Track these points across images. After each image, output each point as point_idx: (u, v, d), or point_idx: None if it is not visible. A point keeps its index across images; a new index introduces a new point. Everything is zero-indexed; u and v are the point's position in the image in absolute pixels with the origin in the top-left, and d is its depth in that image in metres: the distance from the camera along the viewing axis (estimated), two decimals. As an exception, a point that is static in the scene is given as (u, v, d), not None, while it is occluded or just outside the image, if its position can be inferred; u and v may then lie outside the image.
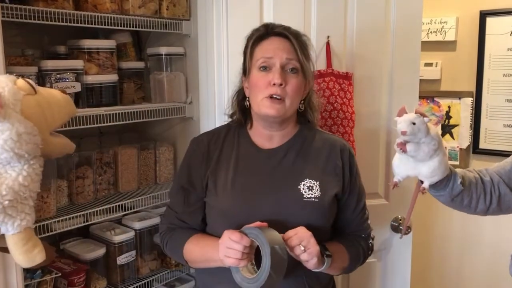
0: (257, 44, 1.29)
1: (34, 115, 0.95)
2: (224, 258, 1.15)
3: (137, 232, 1.78)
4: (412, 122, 1.11)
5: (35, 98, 0.97)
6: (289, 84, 1.24)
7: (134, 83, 1.84)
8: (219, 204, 1.30)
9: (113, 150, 1.79)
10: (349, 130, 1.67)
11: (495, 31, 2.50)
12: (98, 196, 1.73)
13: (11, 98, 0.92)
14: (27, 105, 0.95)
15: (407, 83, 1.83)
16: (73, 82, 1.56)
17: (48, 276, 1.53)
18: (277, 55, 1.24)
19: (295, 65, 1.26)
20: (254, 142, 1.35)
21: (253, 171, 1.31)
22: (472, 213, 1.30)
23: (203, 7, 1.75)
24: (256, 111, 1.29)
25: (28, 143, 0.93)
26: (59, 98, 1.05)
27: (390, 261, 1.92)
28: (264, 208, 1.24)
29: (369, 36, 1.76)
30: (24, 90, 0.95)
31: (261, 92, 1.25)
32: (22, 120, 0.91)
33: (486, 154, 2.60)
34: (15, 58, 1.47)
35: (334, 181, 1.30)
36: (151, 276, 1.82)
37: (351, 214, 1.36)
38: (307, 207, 1.25)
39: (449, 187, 1.22)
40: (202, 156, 1.34)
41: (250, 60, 1.29)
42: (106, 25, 1.58)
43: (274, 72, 1.24)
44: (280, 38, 1.27)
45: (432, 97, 2.72)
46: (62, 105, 1.05)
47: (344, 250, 1.31)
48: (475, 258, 2.70)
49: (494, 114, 2.56)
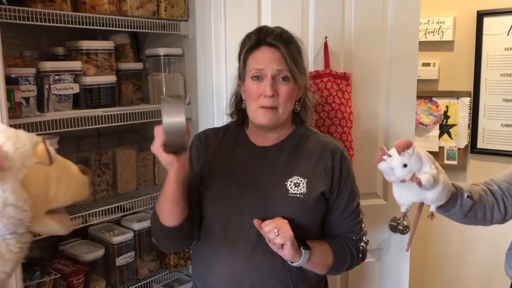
0: (249, 54, 1.33)
1: (35, 187, 0.84)
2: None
3: (136, 233, 1.78)
4: (403, 165, 1.07)
5: (46, 169, 0.87)
6: (280, 93, 1.29)
7: (132, 84, 1.84)
8: (209, 193, 1.34)
9: (111, 151, 1.79)
10: (347, 130, 1.67)
11: (493, 31, 2.51)
12: (96, 197, 1.73)
13: (19, 162, 0.82)
14: (33, 174, 0.84)
15: (405, 83, 1.83)
16: (72, 83, 1.56)
17: (47, 277, 1.53)
18: (268, 66, 1.29)
19: (285, 74, 1.30)
20: (250, 140, 1.40)
21: (245, 165, 1.35)
22: (489, 224, 1.30)
23: (201, 8, 1.75)
24: (251, 119, 1.35)
25: (12, 217, 0.80)
26: (74, 176, 0.93)
27: (388, 260, 1.93)
28: (250, 201, 1.29)
29: (367, 37, 1.76)
30: (39, 158, 0.86)
31: (254, 102, 1.31)
32: (17, 191, 0.80)
33: (484, 154, 2.60)
34: (14, 60, 1.47)
35: (323, 181, 1.32)
36: (150, 277, 1.82)
37: (340, 216, 1.36)
38: (291, 202, 1.28)
39: (458, 204, 1.21)
40: (201, 145, 1.41)
41: (244, 69, 1.34)
42: (104, 26, 1.58)
43: (265, 83, 1.28)
44: (271, 48, 1.30)
45: (430, 97, 2.73)
46: (72, 185, 0.92)
47: (327, 247, 1.32)
48: (474, 257, 2.71)
49: (492, 114, 2.57)
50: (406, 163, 1.07)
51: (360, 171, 1.74)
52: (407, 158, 1.07)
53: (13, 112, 1.34)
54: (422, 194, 1.15)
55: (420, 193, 1.15)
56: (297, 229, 1.23)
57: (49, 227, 0.89)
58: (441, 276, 2.84)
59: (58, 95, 1.53)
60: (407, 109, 1.86)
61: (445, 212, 1.24)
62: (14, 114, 1.36)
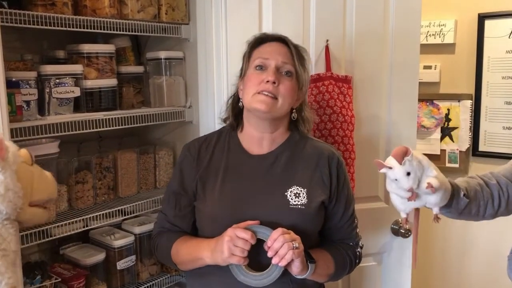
0: (255, 48, 1.32)
1: (24, 180, 0.99)
2: (230, 257, 1.16)
3: (137, 236, 1.78)
4: (407, 173, 1.05)
5: (30, 168, 1.04)
6: (282, 84, 1.26)
7: (133, 87, 1.84)
8: (207, 209, 1.31)
9: (112, 154, 1.78)
10: (349, 134, 1.67)
11: (494, 34, 2.50)
12: (97, 200, 1.73)
13: (12, 158, 0.97)
14: (21, 169, 1.00)
15: (406, 87, 1.83)
16: (73, 86, 1.56)
17: (48, 281, 1.52)
18: (274, 57, 1.28)
19: (289, 69, 1.28)
20: (244, 148, 1.36)
21: (242, 176, 1.32)
22: (480, 220, 1.28)
23: (202, 11, 1.75)
24: (248, 107, 1.30)
25: (10, 201, 0.95)
26: (49, 177, 1.11)
27: (390, 264, 1.92)
28: (251, 214, 1.24)
29: (368, 40, 1.76)
30: (23, 157, 1.02)
31: (254, 87, 1.27)
32: (14, 178, 0.96)
33: (485, 157, 2.60)
34: (14, 63, 1.47)
35: (321, 189, 1.31)
36: (151, 280, 1.82)
37: (338, 222, 1.36)
38: (293, 214, 1.26)
39: (454, 203, 1.20)
40: (193, 160, 1.36)
41: (248, 62, 1.32)
42: (105, 29, 1.58)
43: (268, 71, 1.26)
44: (278, 42, 1.31)
45: (432, 100, 2.72)
46: (48, 183, 1.10)
47: (329, 257, 1.31)
48: (476, 261, 2.70)
49: (494, 117, 2.56)
50: (409, 171, 1.05)
51: (361, 174, 1.75)
52: (408, 165, 1.05)
53: (14, 115, 1.34)
54: (424, 199, 1.14)
55: (422, 198, 1.13)
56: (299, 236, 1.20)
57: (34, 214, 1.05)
58: (443, 278, 2.83)
59: (59, 98, 1.53)
60: (409, 112, 1.85)
61: (440, 211, 1.23)
62: (15, 118, 1.35)
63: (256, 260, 1.21)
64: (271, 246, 1.16)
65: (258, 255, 1.20)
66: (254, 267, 1.20)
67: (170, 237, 1.36)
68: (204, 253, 1.23)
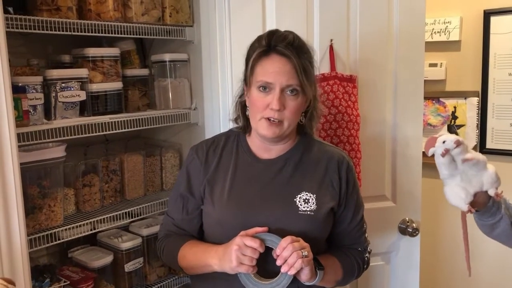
0: (258, 61, 1.24)
1: None
2: (239, 265, 1.15)
3: (144, 238, 1.79)
4: (443, 141, 1.18)
5: None
6: (287, 107, 1.22)
7: (138, 90, 1.84)
8: (215, 213, 1.29)
9: (119, 157, 1.79)
10: (355, 133, 1.67)
11: (500, 30, 2.49)
12: (105, 203, 1.74)
13: None
14: None
15: (412, 85, 1.82)
16: (78, 90, 1.57)
17: (57, 284, 1.53)
18: (277, 80, 1.20)
19: (295, 87, 1.22)
20: (252, 152, 1.34)
21: (250, 181, 1.30)
22: None
23: (205, 13, 1.76)
24: (254, 129, 1.29)
25: None
26: None
27: (398, 263, 1.91)
28: (259, 219, 1.23)
29: (372, 39, 1.75)
30: None
31: (259, 112, 1.24)
32: None
33: (493, 154, 2.58)
34: (21, 68, 1.48)
35: (331, 195, 1.29)
36: (159, 282, 1.82)
37: (347, 227, 1.35)
38: (302, 220, 1.25)
39: (502, 207, 1.24)
40: (201, 164, 1.34)
41: (251, 75, 1.26)
42: (109, 33, 1.59)
43: (273, 96, 1.21)
44: (282, 58, 1.21)
45: (438, 98, 2.71)
46: None
47: (338, 263, 1.30)
48: (484, 262, 2.68)
49: (500, 114, 2.55)
50: (444, 140, 1.19)
51: (368, 173, 1.74)
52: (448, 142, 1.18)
53: (20, 120, 1.35)
54: (479, 177, 1.20)
55: (477, 177, 1.20)
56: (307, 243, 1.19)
57: None
58: (451, 278, 2.81)
59: (65, 102, 1.54)
60: (414, 111, 1.84)
61: (490, 218, 1.26)
62: (22, 123, 1.36)
63: (264, 268, 1.20)
64: (280, 254, 1.15)
65: (266, 263, 1.19)
66: (262, 274, 1.20)
67: (176, 240, 1.35)
68: (212, 261, 1.22)
